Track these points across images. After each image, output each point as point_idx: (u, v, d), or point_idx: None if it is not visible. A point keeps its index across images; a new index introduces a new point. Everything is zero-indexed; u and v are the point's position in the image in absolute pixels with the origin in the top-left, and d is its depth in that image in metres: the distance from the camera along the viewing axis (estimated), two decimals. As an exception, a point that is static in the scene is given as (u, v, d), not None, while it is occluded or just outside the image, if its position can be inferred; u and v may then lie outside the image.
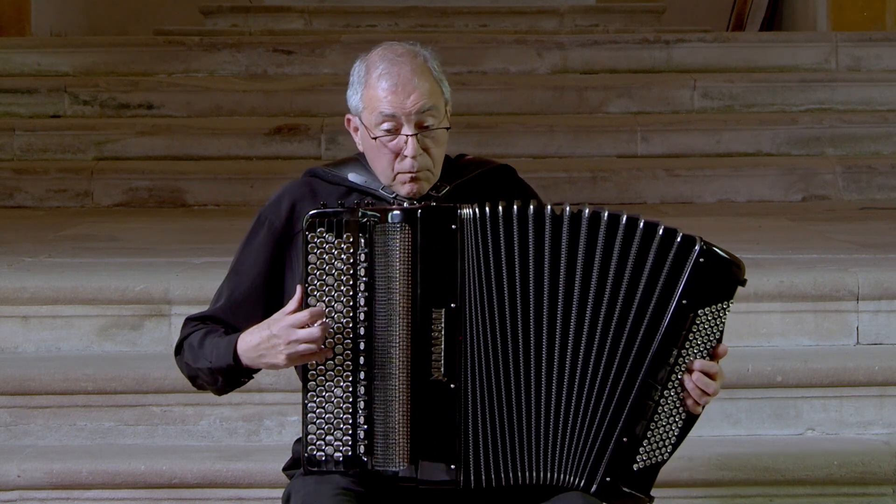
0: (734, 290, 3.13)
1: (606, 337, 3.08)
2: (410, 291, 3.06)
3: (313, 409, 3.08)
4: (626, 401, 3.08)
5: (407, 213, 3.06)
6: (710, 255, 3.09)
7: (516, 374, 3.08)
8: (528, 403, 3.09)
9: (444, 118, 3.22)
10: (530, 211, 3.07)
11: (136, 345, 4.77)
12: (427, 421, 3.07)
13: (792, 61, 8.73)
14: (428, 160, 3.19)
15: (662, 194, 7.67)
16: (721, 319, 3.12)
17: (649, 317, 3.08)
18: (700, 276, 3.08)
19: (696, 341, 3.09)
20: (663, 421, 3.10)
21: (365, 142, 3.23)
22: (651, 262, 3.08)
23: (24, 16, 9.84)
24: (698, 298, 3.08)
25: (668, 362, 3.08)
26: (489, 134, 7.99)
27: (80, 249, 5.88)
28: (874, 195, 7.67)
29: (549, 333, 3.08)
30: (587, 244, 3.07)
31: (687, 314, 3.08)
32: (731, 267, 3.12)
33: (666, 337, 3.08)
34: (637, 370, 3.08)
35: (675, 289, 3.07)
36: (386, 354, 3.06)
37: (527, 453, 3.09)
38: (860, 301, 4.79)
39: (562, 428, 3.09)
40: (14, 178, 7.70)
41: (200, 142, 8.01)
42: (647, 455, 3.10)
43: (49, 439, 4.50)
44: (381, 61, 3.19)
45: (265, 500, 4.22)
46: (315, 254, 3.06)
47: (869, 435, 4.52)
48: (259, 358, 3.13)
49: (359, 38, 8.76)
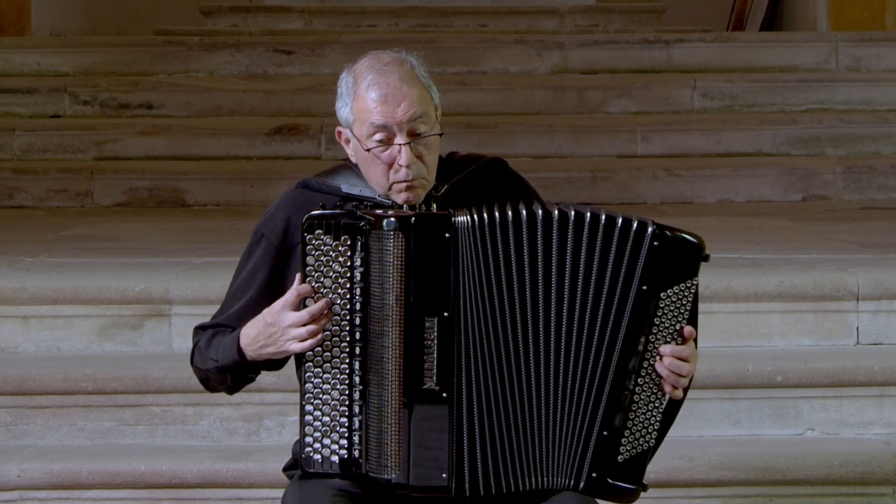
0: (696, 267, 3.10)
1: (582, 335, 3.07)
2: (403, 299, 3.05)
3: (310, 412, 3.09)
4: (602, 394, 3.07)
5: (401, 220, 3.05)
6: (664, 238, 3.07)
7: (511, 381, 3.08)
8: (521, 410, 3.08)
9: (435, 124, 3.21)
10: (523, 216, 3.06)
11: (136, 345, 4.77)
12: (419, 429, 3.07)
13: (792, 61, 8.73)
14: (422, 168, 3.18)
15: (662, 194, 7.67)
16: (688, 299, 3.10)
17: (615, 309, 3.07)
18: (656, 259, 3.06)
19: (663, 325, 3.08)
20: (642, 409, 3.09)
21: (358, 154, 3.22)
22: (613, 255, 3.07)
23: (24, 16, 9.84)
24: (658, 282, 3.07)
25: (638, 350, 3.08)
26: (489, 134, 7.99)
27: (80, 249, 5.88)
28: (874, 195, 7.67)
29: (535, 338, 3.07)
30: (559, 246, 3.06)
31: (649, 300, 3.07)
32: (688, 245, 3.09)
33: (632, 326, 3.07)
34: (609, 363, 3.07)
35: (634, 277, 3.06)
36: (379, 361, 3.06)
37: (519, 460, 3.09)
38: (860, 301, 4.79)
39: (551, 432, 3.09)
40: (14, 178, 7.70)
41: (200, 142, 8.01)
42: (631, 445, 3.10)
43: (49, 439, 4.50)
44: (369, 71, 3.17)
45: (265, 500, 4.22)
46: (313, 255, 3.06)
47: (869, 435, 4.52)
48: (261, 349, 3.13)
49: (359, 38, 8.77)
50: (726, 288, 4.79)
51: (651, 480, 4.23)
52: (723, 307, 4.78)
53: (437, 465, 3.07)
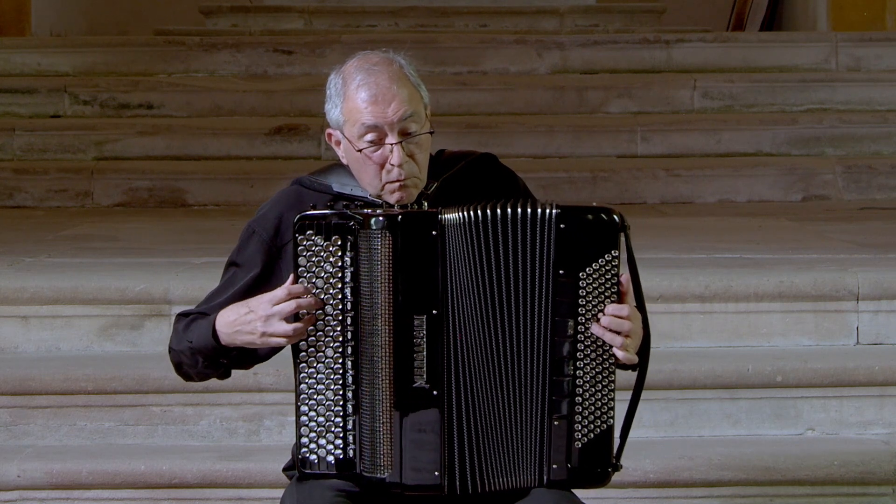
0: (614, 238, 3.05)
1: (522, 328, 3.07)
2: (392, 298, 3.05)
3: (305, 413, 3.09)
4: (545, 385, 3.07)
5: (389, 219, 3.05)
6: (569, 218, 3.05)
7: (490, 378, 3.08)
8: (497, 408, 3.09)
9: (425, 122, 3.20)
10: (508, 214, 3.06)
11: (136, 345, 4.77)
12: (411, 428, 3.07)
13: (792, 61, 8.73)
14: (414, 167, 3.18)
15: (662, 194, 7.67)
16: (611, 273, 3.06)
17: (541, 299, 3.06)
18: (566, 241, 3.05)
19: (590, 304, 3.06)
20: (588, 391, 3.07)
21: (349, 155, 3.22)
22: (528, 245, 3.06)
23: (24, 16, 9.84)
24: (574, 263, 3.05)
25: (568, 335, 3.06)
26: (489, 134, 8.00)
27: (80, 249, 5.88)
28: (874, 195, 7.68)
29: (506, 335, 3.08)
30: (494, 244, 3.06)
31: (568, 283, 3.05)
32: (598, 220, 3.06)
33: (557, 311, 3.06)
34: (545, 352, 3.07)
35: (549, 263, 3.05)
36: (371, 361, 3.07)
37: (497, 459, 3.09)
38: (860, 301, 4.79)
39: (516, 428, 3.09)
40: (14, 178, 7.71)
41: (200, 142, 8.01)
42: (587, 429, 3.08)
43: (49, 439, 4.50)
44: (358, 72, 3.17)
45: (265, 500, 4.22)
46: (304, 256, 3.07)
47: (869, 435, 4.52)
48: (235, 334, 3.13)
49: (359, 38, 8.77)
50: (726, 288, 4.79)
51: (651, 480, 4.27)
52: (723, 307, 4.78)
53: (429, 463, 3.08)
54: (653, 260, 5.24)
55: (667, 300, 4.77)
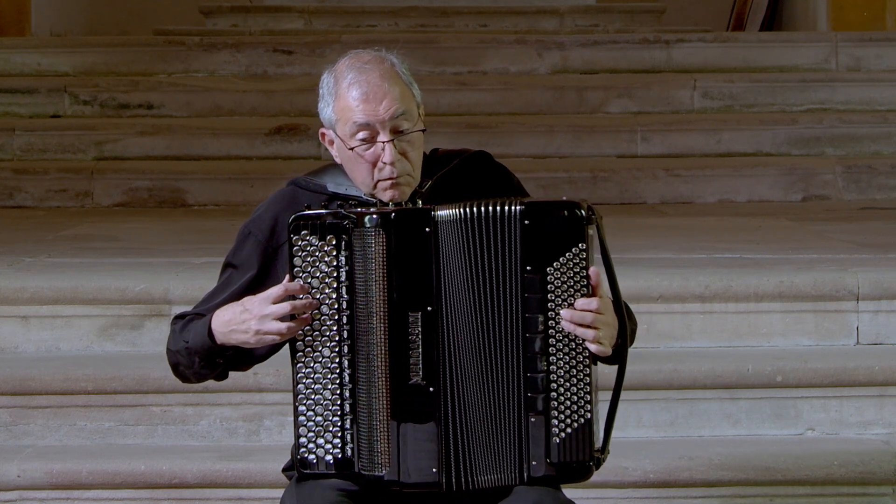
0: (580, 232, 3.04)
1: (499, 326, 3.08)
2: (387, 295, 3.06)
3: (304, 412, 3.10)
4: (520, 382, 3.07)
5: (382, 217, 3.06)
6: (533, 214, 3.04)
7: (482, 375, 3.09)
8: (486, 404, 3.09)
9: (418, 120, 3.21)
10: (484, 211, 3.05)
11: (136, 345, 4.77)
12: (408, 425, 3.08)
13: (792, 61, 8.73)
14: (407, 164, 3.18)
15: (662, 194, 7.67)
16: (580, 266, 3.04)
17: (514, 295, 3.06)
18: (531, 237, 3.04)
19: (559, 298, 3.06)
20: (563, 386, 3.06)
21: (342, 154, 3.22)
22: (499, 243, 3.06)
23: (24, 16, 9.84)
24: (541, 259, 3.05)
25: (539, 330, 3.06)
26: (489, 134, 8.00)
27: (80, 249, 5.88)
28: (874, 195, 7.68)
29: (490, 332, 3.08)
30: (472, 242, 3.06)
31: (536, 279, 3.05)
32: (560, 213, 3.05)
33: (527, 308, 3.05)
34: (517, 350, 3.07)
35: (516, 260, 3.05)
36: (367, 359, 3.07)
37: (485, 456, 3.09)
38: (860, 301, 4.79)
39: (498, 426, 3.09)
40: (14, 178, 7.71)
41: (200, 142, 8.01)
42: (565, 424, 3.07)
43: (49, 439, 4.50)
44: (349, 70, 3.18)
45: (265, 500, 4.22)
46: (300, 256, 3.08)
47: (869, 435, 4.52)
48: (230, 333, 3.14)
49: (359, 38, 8.77)
50: (726, 288, 4.79)
51: (651, 480, 4.27)
52: (723, 307, 4.78)
53: (427, 460, 3.09)
54: (653, 260, 5.25)
55: (667, 300, 4.77)
